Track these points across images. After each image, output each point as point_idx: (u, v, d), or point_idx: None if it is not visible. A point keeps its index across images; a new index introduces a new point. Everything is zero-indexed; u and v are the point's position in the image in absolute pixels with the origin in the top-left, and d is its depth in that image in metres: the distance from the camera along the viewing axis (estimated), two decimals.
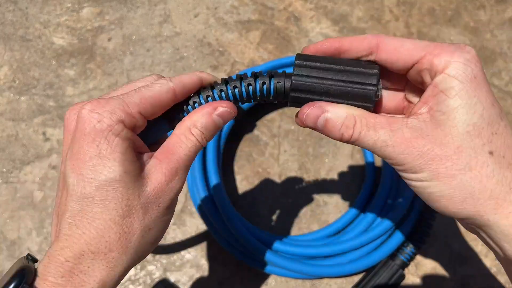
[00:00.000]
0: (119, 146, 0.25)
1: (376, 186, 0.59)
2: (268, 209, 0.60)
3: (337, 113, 0.26)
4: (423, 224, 0.55)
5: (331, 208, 0.60)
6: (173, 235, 0.58)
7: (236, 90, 0.29)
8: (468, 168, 0.24)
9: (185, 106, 0.30)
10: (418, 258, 0.57)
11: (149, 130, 0.29)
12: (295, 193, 0.60)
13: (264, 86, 0.28)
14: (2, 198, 0.60)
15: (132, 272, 0.56)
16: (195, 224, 0.58)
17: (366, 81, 0.26)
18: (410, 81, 0.28)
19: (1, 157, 0.63)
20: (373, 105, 0.27)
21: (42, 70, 0.69)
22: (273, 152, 0.63)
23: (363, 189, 0.59)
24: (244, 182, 0.61)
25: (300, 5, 0.74)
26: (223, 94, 0.29)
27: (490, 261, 0.57)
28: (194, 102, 0.29)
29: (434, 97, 0.25)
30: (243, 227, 0.52)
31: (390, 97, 0.31)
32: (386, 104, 0.30)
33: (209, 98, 0.29)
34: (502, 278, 0.56)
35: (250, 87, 0.29)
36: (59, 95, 0.67)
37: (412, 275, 0.56)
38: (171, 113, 0.30)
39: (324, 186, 0.61)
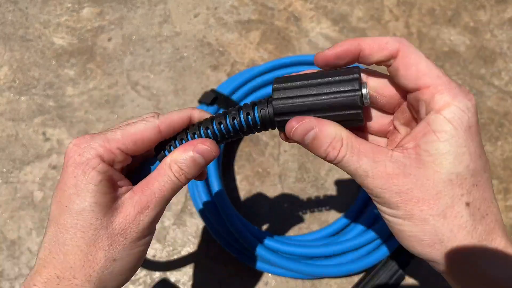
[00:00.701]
0: (94, 178, 0.26)
1: None
2: (268, 209, 0.60)
3: (325, 131, 0.26)
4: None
5: (331, 209, 0.60)
6: (173, 235, 0.58)
7: (222, 126, 0.29)
8: (442, 215, 0.24)
9: (172, 141, 0.30)
10: (418, 258, 0.57)
11: (143, 166, 0.30)
12: (295, 193, 0.60)
13: (249, 117, 0.28)
14: (2, 198, 0.60)
15: None
16: (195, 224, 0.58)
17: (348, 88, 0.25)
18: (402, 107, 0.28)
19: (1, 157, 0.63)
20: (361, 110, 0.26)
21: (42, 70, 0.69)
22: (273, 152, 0.63)
23: (363, 189, 0.59)
24: (244, 182, 0.61)
25: (300, 5, 0.74)
26: (209, 131, 0.29)
27: None
28: (181, 139, 0.30)
29: (424, 135, 0.24)
30: (243, 227, 0.52)
31: (377, 118, 0.30)
32: (371, 124, 0.30)
33: (196, 135, 0.29)
34: None
35: (235, 121, 0.28)
36: (59, 95, 0.67)
37: (412, 275, 0.56)
38: (162, 150, 0.30)
39: (324, 186, 0.61)
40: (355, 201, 0.59)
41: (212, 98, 0.60)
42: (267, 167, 0.62)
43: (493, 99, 0.66)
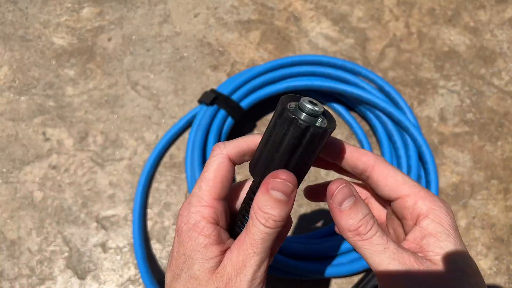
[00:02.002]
0: (199, 244, 0.27)
1: None
2: None
3: (362, 203, 0.27)
4: None
5: None
6: (173, 235, 0.58)
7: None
8: None
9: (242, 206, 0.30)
10: None
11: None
12: None
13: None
14: (2, 198, 0.60)
15: (132, 272, 0.56)
16: None
17: (287, 127, 0.24)
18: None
19: (1, 157, 0.63)
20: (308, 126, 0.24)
21: (42, 70, 0.69)
22: None
23: None
24: None
25: (300, 5, 0.74)
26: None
27: (490, 261, 0.57)
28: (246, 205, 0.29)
29: (424, 238, 0.26)
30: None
31: (374, 209, 0.33)
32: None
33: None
34: (502, 278, 0.56)
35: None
36: (59, 95, 0.67)
37: None
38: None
39: None
40: None
41: (212, 98, 0.60)
42: None
43: (493, 99, 0.66)
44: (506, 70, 0.68)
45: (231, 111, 0.59)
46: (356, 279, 0.55)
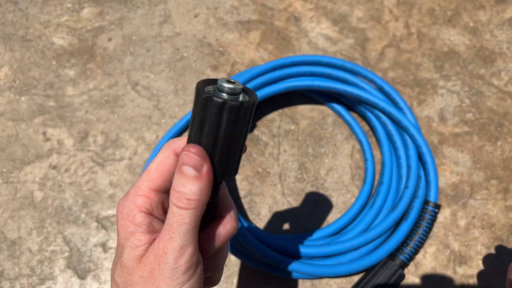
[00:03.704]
0: (129, 232, 0.27)
1: (376, 186, 0.59)
2: (268, 209, 0.60)
3: None
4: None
5: (331, 208, 0.60)
6: None
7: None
8: None
9: None
10: (418, 258, 0.57)
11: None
12: (295, 193, 0.61)
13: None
14: (2, 198, 0.60)
15: None
16: None
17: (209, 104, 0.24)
18: None
19: (1, 157, 0.63)
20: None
21: (42, 70, 0.69)
22: (273, 152, 0.63)
23: (362, 189, 0.59)
24: (244, 182, 0.61)
25: (300, 5, 0.74)
26: None
27: (489, 261, 0.57)
28: None
29: None
30: (243, 227, 0.52)
31: None
32: None
33: None
34: (502, 278, 0.56)
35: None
36: (59, 95, 0.67)
37: (412, 275, 0.56)
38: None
39: (324, 186, 0.61)
40: (355, 201, 0.59)
41: None
42: (267, 167, 0.62)
43: (492, 99, 0.66)
44: (505, 70, 0.69)
45: None
46: (356, 279, 0.56)
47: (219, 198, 0.30)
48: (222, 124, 0.24)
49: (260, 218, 0.59)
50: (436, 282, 0.56)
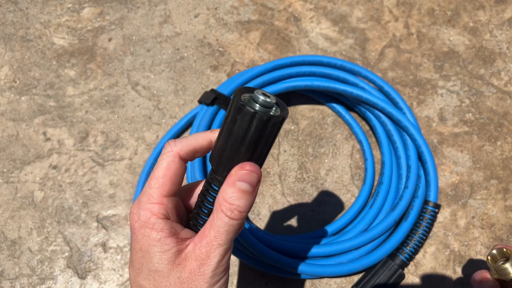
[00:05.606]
0: (153, 238, 0.28)
1: (376, 186, 0.60)
2: (268, 209, 0.60)
3: None
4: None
5: (331, 208, 0.60)
6: None
7: None
8: None
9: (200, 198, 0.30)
10: (418, 257, 0.57)
11: None
12: (294, 193, 0.61)
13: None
14: (2, 198, 0.60)
15: None
16: None
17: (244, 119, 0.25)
18: None
19: (2, 157, 0.63)
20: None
21: (42, 70, 0.69)
22: (273, 152, 0.63)
23: (362, 189, 0.59)
24: None
25: (300, 6, 0.74)
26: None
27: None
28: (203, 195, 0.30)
29: None
30: (243, 227, 0.52)
31: None
32: None
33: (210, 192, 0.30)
34: None
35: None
36: (59, 95, 0.67)
37: (412, 275, 0.56)
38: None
39: (324, 186, 0.61)
40: (355, 201, 0.59)
41: (212, 98, 0.60)
42: (267, 167, 0.62)
43: (492, 99, 0.66)
44: (505, 70, 0.69)
45: None
46: (355, 278, 0.56)
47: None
48: (249, 134, 0.26)
49: (260, 218, 0.59)
50: (436, 282, 0.56)
